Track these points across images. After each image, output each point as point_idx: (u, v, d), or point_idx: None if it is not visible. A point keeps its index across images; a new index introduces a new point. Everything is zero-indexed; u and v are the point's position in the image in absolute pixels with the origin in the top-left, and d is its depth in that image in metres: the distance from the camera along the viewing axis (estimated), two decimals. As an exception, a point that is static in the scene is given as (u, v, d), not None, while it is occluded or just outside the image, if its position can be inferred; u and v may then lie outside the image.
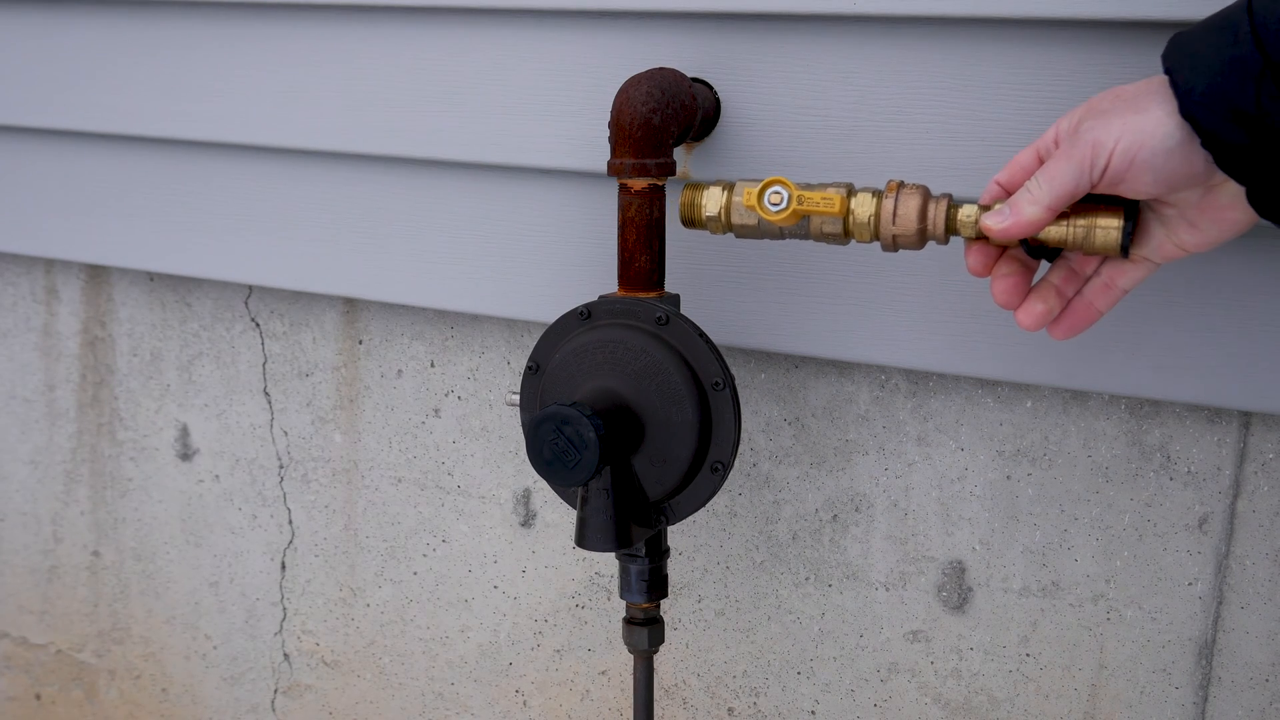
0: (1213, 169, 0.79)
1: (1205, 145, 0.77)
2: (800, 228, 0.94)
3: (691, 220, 1.00)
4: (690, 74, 1.14)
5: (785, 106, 1.12)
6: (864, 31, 1.08)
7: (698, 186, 1.00)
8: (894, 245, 0.91)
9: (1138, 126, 0.79)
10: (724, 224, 0.98)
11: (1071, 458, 1.16)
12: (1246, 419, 1.10)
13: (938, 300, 1.11)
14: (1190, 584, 1.13)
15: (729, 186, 0.98)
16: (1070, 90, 1.02)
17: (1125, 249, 0.85)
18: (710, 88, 1.14)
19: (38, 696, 1.78)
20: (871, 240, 0.92)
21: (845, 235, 0.93)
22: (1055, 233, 0.86)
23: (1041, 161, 0.85)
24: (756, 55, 1.12)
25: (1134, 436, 1.13)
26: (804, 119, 1.11)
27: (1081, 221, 0.85)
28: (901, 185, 0.91)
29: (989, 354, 1.11)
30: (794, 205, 0.92)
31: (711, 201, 0.98)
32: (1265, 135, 0.74)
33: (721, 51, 1.13)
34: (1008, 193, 0.87)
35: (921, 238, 0.91)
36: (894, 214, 0.90)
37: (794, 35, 1.10)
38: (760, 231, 0.96)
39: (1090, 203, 0.85)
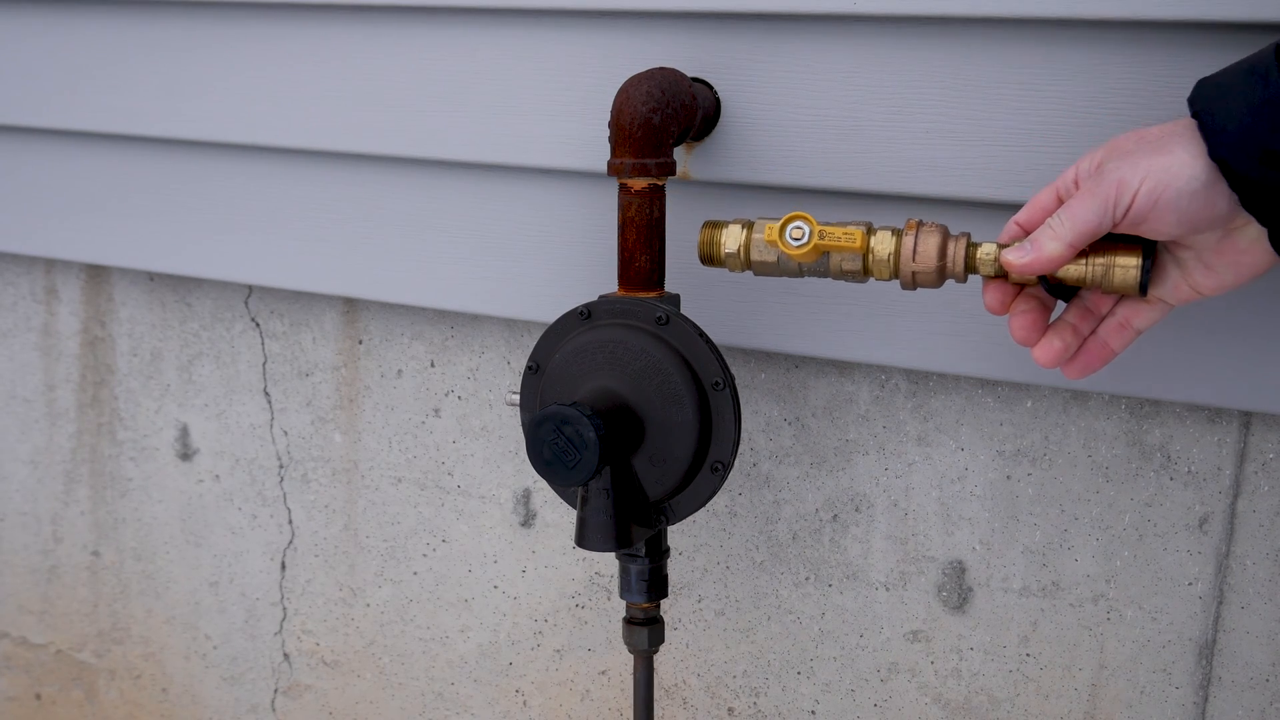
0: (1235, 212, 0.80)
1: (1233, 187, 0.78)
2: (820, 265, 0.94)
3: (711, 258, 1.00)
4: (690, 74, 1.14)
5: (785, 106, 1.12)
6: (864, 31, 1.08)
7: (717, 225, 0.99)
8: (913, 283, 0.92)
9: (1163, 167, 0.80)
10: (743, 261, 0.97)
11: (1071, 457, 1.16)
12: (1247, 419, 1.10)
13: (938, 300, 1.11)
14: (1190, 584, 1.13)
15: (748, 224, 0.98)
16: (1070, 90, 1.02)
17: (1144, 287, 0.86)
18: (710, 88, 1.14)
19: (38, 696, 1.78)
20: (891, 278, 0.92)
21: (865, 273, 0.93)
22: (1074, 271, 0.86)
23: (1061, 201, 0.86)
24: (756, 55, 1.12)
25: (1134, 436, 1.13)
26: (804, 119, 1.11)
27: (1100, 260, 0.86)
28: (921, 224, 0.91)
29: (989, 354, 1.11)
30: (815, 240, 0.92)
31: (731, 239, 0.97)
32: None
33: (721, 51, 1.13)
34: (1026, 232, 0.88)
35: (941, 275, 0.91)
36: (914, 251, 0.90)
37: (794, 35, 1.10)
38: (780, 269, 0.96)
39: (1108, 241, 0.86)
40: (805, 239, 0.92)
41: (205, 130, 1.40)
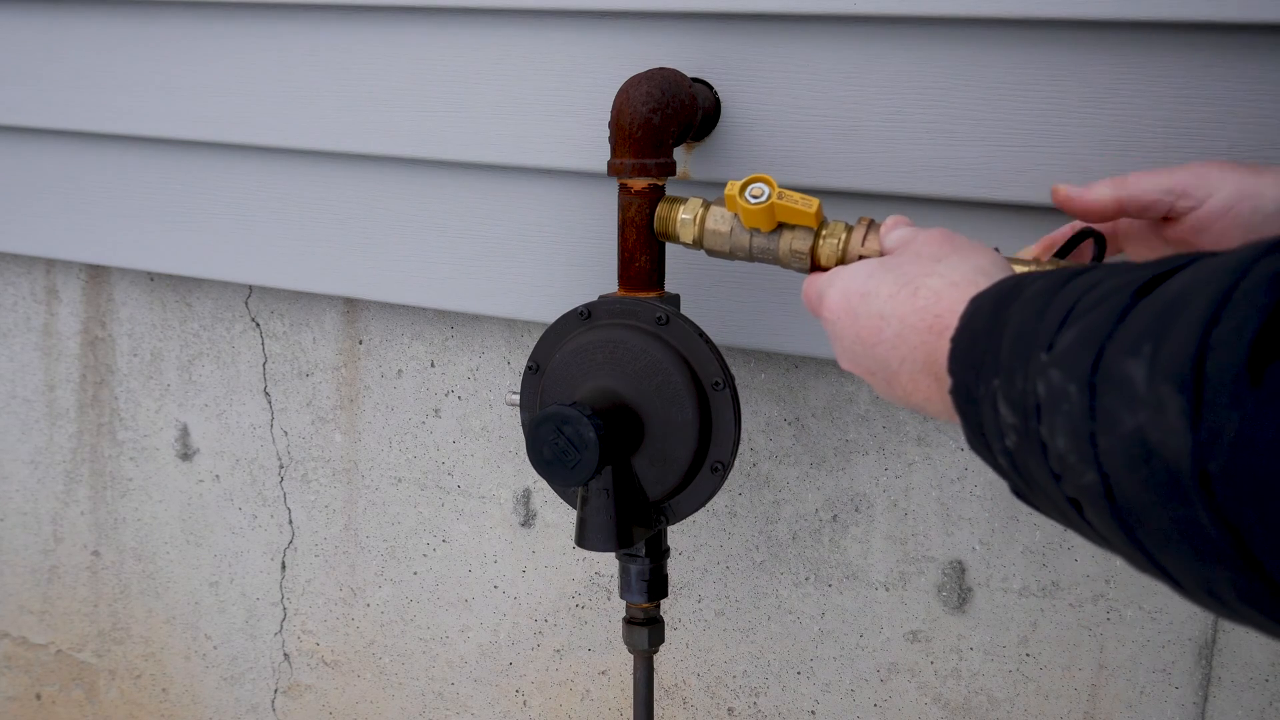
0: None
1: None
2: (770, 241, 0.93)
3: (665, 233, 1.00)
4: (690, 74, 1.14)
5: (785, 106, 1.12)
6: (864, 31, 1.08)
7: (676, 200, 1.00)
8: None
9: (1253, 184, 0.79)
10: (696, 232, 0.97)
11: (1071, 458, 1.16)
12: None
13: (938, 300, 1.11)
14: (1190, 584, 1.13)
15: (706, 202, 0.99)
16: (1070, 90, 1.02)
17: None
18: (710, 88, 1.14)
19: (38, 696, 1.78)
20: (837, 264, 0.92)
21: (812, 257, 0.92)
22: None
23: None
24: (756, 55, 1.12)
25: (1134, 436, 1.13)
26: (804, 119, 1.11)
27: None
28: (873, 221, 0.91)
29: (989, 354, 1.11)
30: (773, 199, 0.92)
31: (687, 210, 0.98)
32: None
33: (721, 51, 1.13)
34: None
35: None
36: (864, 240, 0.90)
37: (794, 35, 1.10)
38: (732, 242, 0.96)
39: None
40: (764, 197, 0.92)
41: (206, 130, 1.40)
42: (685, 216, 0.98)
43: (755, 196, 0.92)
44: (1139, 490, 0.49)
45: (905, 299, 0.73)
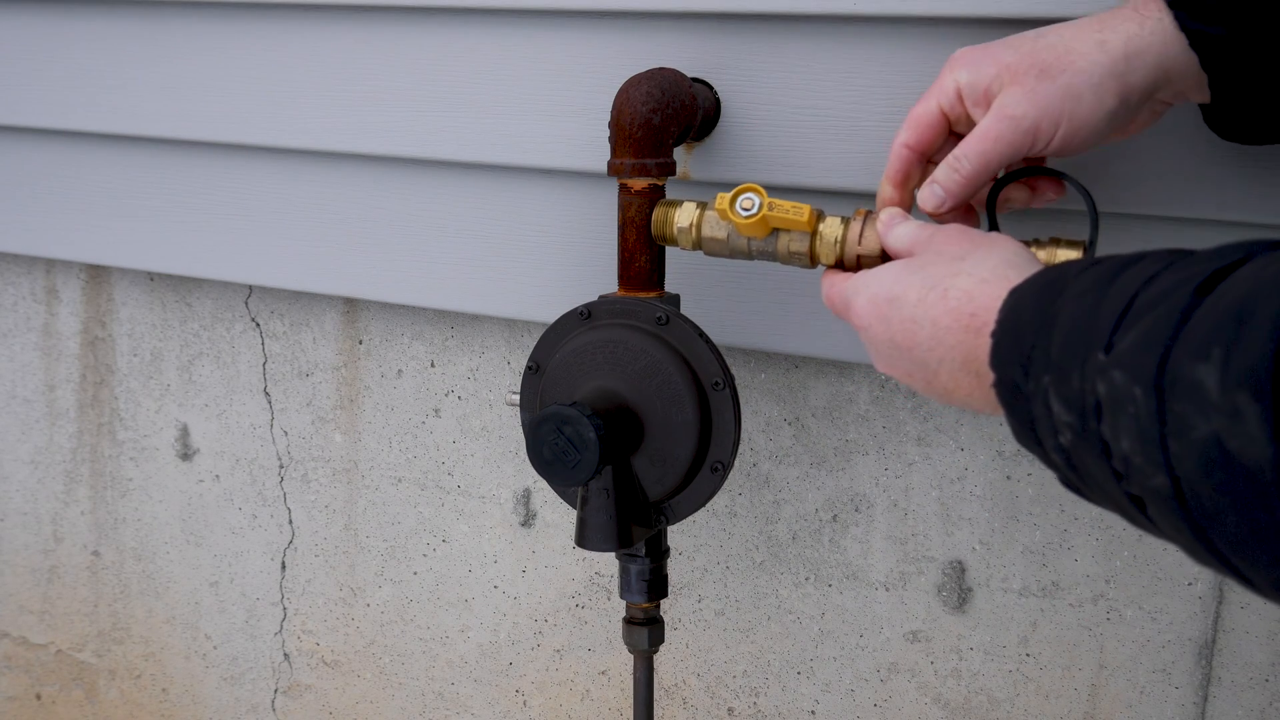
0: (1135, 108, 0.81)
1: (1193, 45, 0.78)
2: (768, 244, 0.94)
3: (664, 236, 1.01)
4: (690, 74, 1.14)
5: (785, 106, 1.12)
6: (864, 31, 1.08)
7: (672, 203, 1.01)
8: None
9: (1072, 101, 0.80)
10: (694, 238, 0.98)
11: (1071, 458, 1.16)
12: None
13: (938, 300, 1.11)
14: (1190, 584, 1.13)
15: (702, 204, 0.99)
16: (1070, 90, 1.02)
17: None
18: (710, 88, 1.14)
19: (38, 696, 1.78)
20: (835, 264, 0.92)
21: (811, 256, 0.93)
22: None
23: (946, 117, 0.87)
24: (756, 55, 1.12)
25: (1134, 436, 1.13)
26: (804, 119, 1.11)
27: (1042, 253, 0.87)
28: (869, 213, 0.92)
29: (989, 354, 1.11)
30: (764, 211, 0.92)
31: (684, 215, 0.99)
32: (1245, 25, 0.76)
33: (721, 51, 1.13)
34: (915, 151, 0.89)
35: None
36: (860, 236, 0.90)
37: (794, 35, 1.10)
38: (730, 247, 0.96)
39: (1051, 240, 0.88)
40: (755, 210, 0.92)
41: (205, 130, 1.40)
42: (682, 225, 0.99)
43: (746, 209, 0.93)
44: (1214, 495, 0.49)
45: (935, 301, 0.74)
